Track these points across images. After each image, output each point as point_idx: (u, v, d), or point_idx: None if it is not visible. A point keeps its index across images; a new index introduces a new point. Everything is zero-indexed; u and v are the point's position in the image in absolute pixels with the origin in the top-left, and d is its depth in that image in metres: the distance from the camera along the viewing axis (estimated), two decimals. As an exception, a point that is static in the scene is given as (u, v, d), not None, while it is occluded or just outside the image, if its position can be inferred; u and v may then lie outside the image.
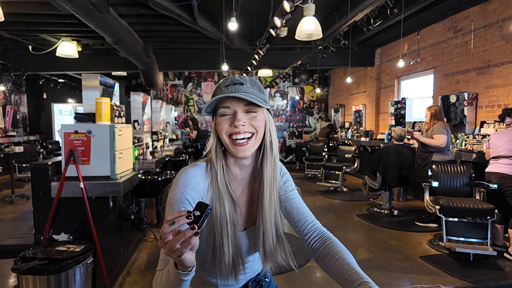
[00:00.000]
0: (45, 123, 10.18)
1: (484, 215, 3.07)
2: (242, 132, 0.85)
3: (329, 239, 0.95)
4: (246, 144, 0.86)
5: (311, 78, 10.43)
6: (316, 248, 0.95)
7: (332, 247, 0.91)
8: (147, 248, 3.46)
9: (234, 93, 0.84)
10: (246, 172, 0.96)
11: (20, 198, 5.51)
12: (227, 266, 0.88)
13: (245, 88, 0.87)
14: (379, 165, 4.47)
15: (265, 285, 1.08)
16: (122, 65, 6.99)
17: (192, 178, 0.88)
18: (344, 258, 0.85)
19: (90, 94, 2.69)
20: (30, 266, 1.91)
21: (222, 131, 0.86)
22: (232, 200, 0.91)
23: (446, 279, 2.80)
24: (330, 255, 0.89)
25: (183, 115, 10.38)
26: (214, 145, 0.90)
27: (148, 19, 5.03)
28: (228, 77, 0.91)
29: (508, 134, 3.21)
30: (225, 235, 0.87)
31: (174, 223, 0.61)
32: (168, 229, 0.61)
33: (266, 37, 4.85)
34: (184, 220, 0.61)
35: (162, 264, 0.84)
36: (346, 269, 0.82)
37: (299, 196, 1.05)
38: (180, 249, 0.62)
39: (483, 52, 4.51)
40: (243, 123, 0.85)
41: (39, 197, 2.38)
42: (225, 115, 0.87)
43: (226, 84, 0.88)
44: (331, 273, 0.88)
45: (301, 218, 1.00)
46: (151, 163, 3.82)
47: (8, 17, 3.79)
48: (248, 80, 0.90)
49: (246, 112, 0.87)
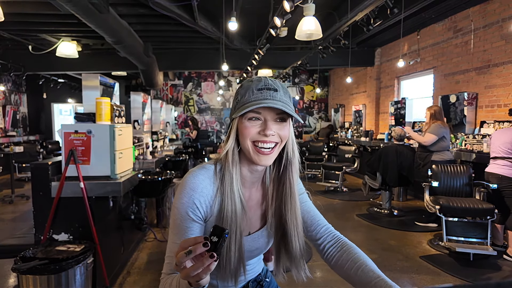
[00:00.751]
0: (45, 123, 10.19)
1: (484, 215, 3.07)
2: (269, 142, 0.82)
3: (346, 244, 0.93)
4: (270, 153, 0.84)
5: (311, 78, 10.43)
6: (332, 254, 0.93)
7: (351, 253, 0.89)
8: (147, 248, 3.47)
9: (273, 103, 0.79)
10: (256, 177, 0.93)
11: (20, 198, 5.51)
12: (230, 271, 0.86)
13: (279, 96, 0.82)
14: (379, 165, 4.47)
15: (265, 285, 1.08)
16: (122, 65, 6.99)
17: (200, 182, 0.85)
18: (367, 265, 0.83)
19: (90, 94, 2.69)
20: (30, 266, 1.91)
21: (247, 136, 0.82)
22: (241, 205, 0.88)
23: (446, 279, 2.80)
24: (350, 261, 0.87)
25: (183, 115, 10.38)
26: (231, 148, 0.86)
27: (148, 19, 5.03)
28: (259, 78, 0.86)
29: (504, 134, 3.20)
30: (233, 241, 0.85)
31: (190, 252, 0.58)
32: (184, 258, 0.58)
33: (266, 37, 4.85)
34: (202, 249, 0.58)
35: (168, 268, 0.83)
36: (371, 276, 0.80)
37: (310, 200, 1.02)
38: (199, 275, 0.59)
39: (483, 52, 4.51)
40: (273, 133, 0.82)
41: (39, 197, 2.37)
42: (254, 120, 0.83)
43: (259, 87, 0.83)
44: (351, 280, 0.85)
45: (313, 222, 0.98)
46: (151, 163, 3.82)
47: (8, 17, 3.79)
48: (281, 86, 0.85)
49: (275, 121, 0.83)
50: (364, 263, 0.84)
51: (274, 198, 0.94)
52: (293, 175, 0.91)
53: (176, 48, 7.09)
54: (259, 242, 0.95)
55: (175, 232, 0.84)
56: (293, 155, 0.90)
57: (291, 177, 0.91)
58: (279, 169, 0.93)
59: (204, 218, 0.86)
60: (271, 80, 0.85)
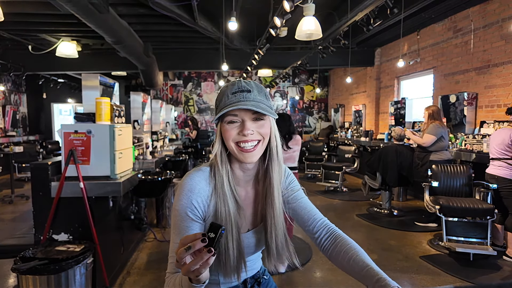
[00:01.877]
0: (45, 123, 10.18)
1: (484, 215, 3.07)
2: (250, 140, 0.87)
3: (340, 236, 0.98)
4: (253, 150, 0.88)
5: (311, 78, 10.43)
6: (327, 247, 0.98)
7: (344, 244, 0.94)
8: (147, 248, 3.46)
9: (244, 104, 0.84)
10: (249, 175, 0.98)
11: (20, 198, 5.51)
12: (231, 268, 0.90)
13: (253, 95, 0.87)
14: (379, 165, 4.47)
15: (263, 282, 1.11)
16: (122, 65, 6.99)
17: (197, 184, 0.89)
18: (358, 255, 0.88)
19: (90, 94, 2.69)
20: (30, 266, 1.91)
21: (229, 139, 0.87)
22: (236, 204, 0.93)
23: (446, 279, 2.80)
24: (343, 252, 0.92)
25: (183, 115, 10.38)
26: (219, 150, 0.91)
27: (148, 19, 5.03)
28: (234, 82, 0.90)
29: (499, 135, 3.19)
30: (230, 238, 0.89)
31: (190, 248, 0.62)
32: (184, 254, 0.63)
33: (266, 37, 4.85)
34: (200, 244, 0.63)
35: (172, 267, 0.86)
36: (362, 265, 0.85)
37: (305, 196, 1.07)
38: (199, 269, 0.64)
39: (483, 52, 4.51)
40: (252, 132, 0.86)
41: (39, 197, 2.37)
42: (233, 123, 0.87)
43: (232, 91, 0.87)
44: (346, 270, 0.90)
45: (310, 217, 1.02)
46: (151, 163, 3.82)
47: (8, 17, 3.79)
48: (255, 86, 0.90)
49: (253, 120, 0.87)
50: (355, 254, 0.89)
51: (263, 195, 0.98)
52: (273, 170, 0.95)
53: (176, 48, 7.09)
54: (256, 238, 0.99)
55: (176, 232, 0.88)
56: (276, 153, 0.95)
57: (271, 172, 0.95)
58: (263, 166, 0.97)
59: (203, 217, 0.90)
60: (245, 82, 0.90)
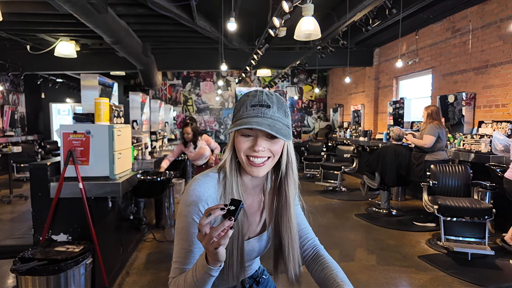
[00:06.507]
0: (43, 123, 10.16)
1: (482, 215, 3.08)
2: (260, 157, 0.86)
3: (322, 254, 1.04)
4: (262, 166, 0.87)
5: (310, 78, 10.44)
6: (309, 261, 1.06)
7: (323, 263, 1.01)
8: (146, 248, 3.46)
9: (260, 123, 0.82)
10: (258, 184, 0.98)
11: (19, 198, 5.49)
12: (233, 274, 0.90)
13: (271, 112, 0.85)
14: (378, 165, 4.48)
15: (263, 281, 1.12)
16: (120, 65, 6.98)
17: (205, 190, 0.89)
18: (333, 273, 0.95)
19: (89, 94, 2.69)
20: (29, 266, 1.90)
21: (241, 151, 0.87)
22: (243, 211, 0.93)
23: (445, 278, 2.81)
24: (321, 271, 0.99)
25: (181, 115, 10.37)
26: (229, 158, 0.91)
27: (146, 19, 5.02)
28: (255, 92, 0.88)
29: None
30: (235, 246, 0.89)
31: (210, 214, 0.68)
32: (205, 220, 0.68)
33: (265, 37, 4.85)
34: (219, 212, 0.67)
35: (176, 272, 0.87)
36: (333, 283, 0.92)
37: (302, 212, 1.09)
38: (218, 241, 0.68)
39: (481, 52, 4.52)
40: (263, 149, 0.86)
41: (38, 198, 2.37)
42: (247, 136, 0.87)
43: (252, 103, 0.86)
44: (319, 284, 0.98)
45: (302, 235, 1.07)
46: (150, 163, 3.83)
47: (6, 16, 3.78)
48: (276, 101, 0.87)
49: (267, 137, 0.86)
50: (331, 271, 0.95)
51: (272, 207, 0.99)
52: (289, 188, 0.95)
53: (175, 48, 7.08)
54: (258, 246, 1.00)
55: (183, 237, 0.87)
56: (288, 169, 0.94)
57: (287, 189, 0.95)
58: (276, 181, 0.98)
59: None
60: (267, 95, 0.88)
